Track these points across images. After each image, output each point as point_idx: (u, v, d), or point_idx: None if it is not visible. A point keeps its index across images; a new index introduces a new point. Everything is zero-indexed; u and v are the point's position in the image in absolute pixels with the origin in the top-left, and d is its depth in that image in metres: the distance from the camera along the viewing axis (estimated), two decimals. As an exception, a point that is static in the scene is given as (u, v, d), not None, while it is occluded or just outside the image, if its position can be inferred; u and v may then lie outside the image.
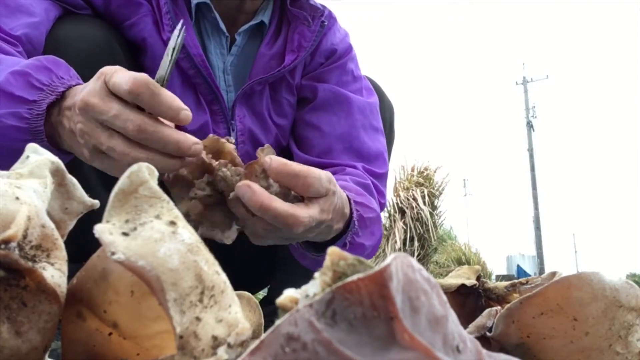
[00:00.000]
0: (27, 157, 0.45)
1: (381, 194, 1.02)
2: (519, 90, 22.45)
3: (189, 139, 0.62)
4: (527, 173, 20.47)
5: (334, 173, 0.95)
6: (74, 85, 0.67)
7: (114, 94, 0.60)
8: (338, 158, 1.01)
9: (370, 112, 1.07)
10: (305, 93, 1.07)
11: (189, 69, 0.95)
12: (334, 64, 1.08)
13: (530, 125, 21.18)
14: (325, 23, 1.03)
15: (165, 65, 0.63)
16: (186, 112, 0.60)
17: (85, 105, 0.60)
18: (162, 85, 0.61)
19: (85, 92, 0.61)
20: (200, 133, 0.98)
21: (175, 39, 0.65)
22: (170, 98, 0.60)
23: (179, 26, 0.66)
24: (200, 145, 0.63)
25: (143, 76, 0.59)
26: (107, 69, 0.61)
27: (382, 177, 1.05)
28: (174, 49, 0.64)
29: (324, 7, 1.07)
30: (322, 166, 0.95)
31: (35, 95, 0.65)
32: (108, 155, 0.62)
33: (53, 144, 0.69)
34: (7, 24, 0.81)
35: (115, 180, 0.38)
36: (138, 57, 0.96)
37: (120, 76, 0.59)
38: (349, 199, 0.81)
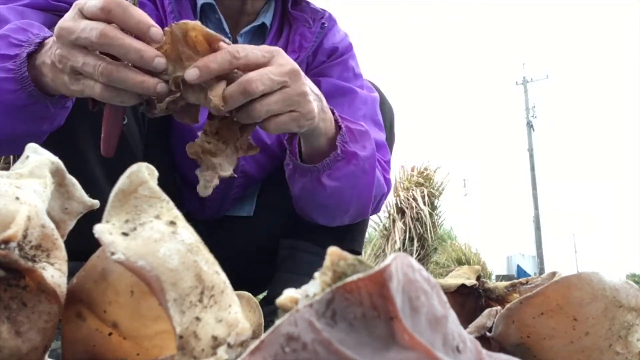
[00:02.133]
0: (27, 157, 0.45)
1: (386, 171, 1.06)
2: (519, 90, 22.44)
3: (151, 49, 0.64)
4: (527, 173, 20.46)
5: None
6: (49, 37, 0.74)
7: (85, 17, 0.65)
8: None
9: (372, 105, 1.10)
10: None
11: None
12: (335, 60, 1.10)
13: (530, 125, 21.16)
14: (326, 25, 1.05)
15: None
16: (156, 29, 0.64)
17: (60, 30, 0.66)
18: (134, 4, 0.66)
19: (60, 20, 0.67)
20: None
21: None
22: (140, 13, 0.64)
23: None
24: (163, 59, 0.65)
25: None
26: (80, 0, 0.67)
27: (386, 163, 1.07)
28: None
29: (324, 10, 1.09)
30: None
31: (16, 50, 0.73)
32: (84, 77, 0.67)
33: (44, 92, 0.75)
34: None
35: (120, 175, 0.38)
36: None
37: (93, 0, 0.65)
38: (333, 111, 0.85)
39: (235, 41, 1.03)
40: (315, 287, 0.27)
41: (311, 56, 1.08)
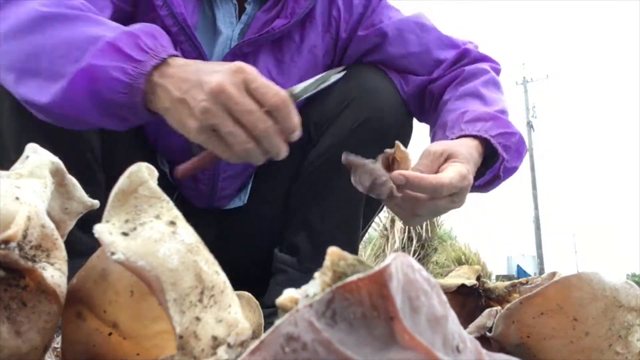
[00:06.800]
0: (27, 157, 0.45)
1: (493, 61, 1.12)
2: (519, 90, 22.43)
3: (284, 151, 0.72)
4: (527, 173, 20.45)
5: (456, 83, 1.04)
6: (174, 55, 0.76)
7: (249, 91, 0.70)
8: (447, 59, 1.09)
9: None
10: (372, 41, 1.11)
11: (172, 25, 0.99)
12: (377, 6, 1.13)
13: (530, 125, 21.15)
14: None
15: (307, 86, 0.75)
16: (298, 133, 0.72)
17: (221, 90, 0.69)
18: (294, 101, 0.72)
19: (221, 79, 0.70)
20: None
21: (331, 76, 0.77)
22: (296, 120, 0.71)
23: (339, 69, 0.77)
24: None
25: (285, 96, 0.71)
26: (245, 68, 0.71)
27: (490, 61, 1.12)
28: (324, 81, 0.76)
29: None
30: (440, 82, 1.06)
31: (142, 56, 0.74)
32: (218, 136, 0.71)
33: (144, 105, 0.77)
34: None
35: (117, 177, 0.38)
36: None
37: (266, 85, 0.70)
38: (488, 141, 0.88)
39: (242, 8, 1.06)
40: (315, 287, 0.27)
41: (346, 13, 1.11)
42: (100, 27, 0.77)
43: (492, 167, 0.91)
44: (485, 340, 0.55)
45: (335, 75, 0.79)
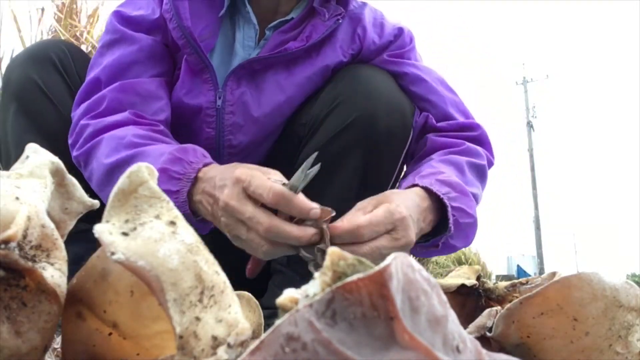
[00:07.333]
0: (27, 157, 0.45)
1: (492, 152, 1.12)
2: (519, 90, 22.44)
3: (307, 233, 0.73)
4: (527, 173, 20.45)
5: (450, 150, 1.03)
6: (201, 167, 0.83)
7: (249, 196, 0.74)
8: (456, 119, 1.10)
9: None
10: (396, 69, 1.12)
11: (179, 38, 1.02)
12: (409, 45, 1.15)
13: (530, 125, 21.16)
14: (340, 21, 1.08)
15: (299, 178, 0.75)
16: (315, 210, 0.73)
17: (226, 206, 0.75)
18: (295, 192, 0.74)
19: (226, 194, 0.76)
20: (187, 97, 1.04)
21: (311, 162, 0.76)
22: (301, 203, 0.73)
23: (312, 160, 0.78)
24: (316, 237, 0.74)
25: (280, 189, 0.72)
26: (243, 176, 0.75)
27: (486, 146, 1.13)
28: (309, 169, 0.76)
29: (361, 4, 1.14)
30: (440, 139, 1.06)
31: (177, 185, 0.82)
32: (245, 241, 0.76)
33: (194, 214, 0.85)
34: (147, 112, 0.98)
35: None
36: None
37: (260, 186, 0.73)
38: (447, 206, 0.87)
39: (263, 34, 1.09)
40: (315, 287, 0.27)
41: (376, 35, 1.12)
42: (148, 161, 0.85)
43: (435, 238, 0.90)
44: (485, 340, 0.55)
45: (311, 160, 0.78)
